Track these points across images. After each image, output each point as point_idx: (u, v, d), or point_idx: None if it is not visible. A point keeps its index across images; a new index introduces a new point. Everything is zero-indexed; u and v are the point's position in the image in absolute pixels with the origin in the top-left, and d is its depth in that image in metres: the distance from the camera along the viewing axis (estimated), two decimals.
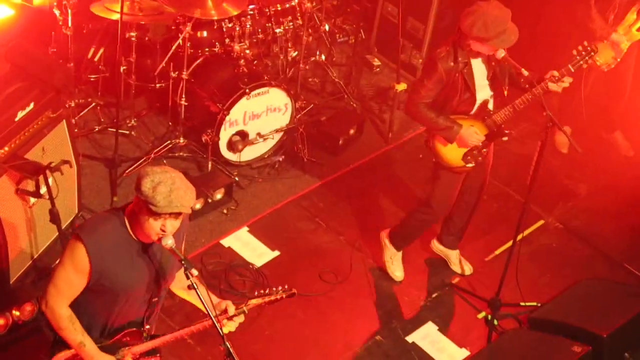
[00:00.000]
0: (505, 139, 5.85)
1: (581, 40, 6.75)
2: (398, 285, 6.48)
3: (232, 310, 4.31)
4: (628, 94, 7.41)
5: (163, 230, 3.95)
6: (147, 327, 4.42)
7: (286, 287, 4.46)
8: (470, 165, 5.88)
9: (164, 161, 6.98)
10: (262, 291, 4.44)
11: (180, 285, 4.46)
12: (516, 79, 5.71)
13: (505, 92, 5.75)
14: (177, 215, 3.96)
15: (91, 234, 4.05)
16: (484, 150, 5.85)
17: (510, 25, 5.45)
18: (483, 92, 5.73)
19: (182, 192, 3.94)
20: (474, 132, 5.72)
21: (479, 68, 5.66)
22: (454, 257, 6.61)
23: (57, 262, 5.51)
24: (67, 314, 4.15)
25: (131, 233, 4.08)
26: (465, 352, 6.09)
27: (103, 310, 4.22)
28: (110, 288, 4.12)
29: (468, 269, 6.64)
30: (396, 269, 6.48)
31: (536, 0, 7.93)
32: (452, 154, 5.84)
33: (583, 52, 5.57)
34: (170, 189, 3.90)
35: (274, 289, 4.44)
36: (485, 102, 5.76)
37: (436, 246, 6.61)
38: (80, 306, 4.17)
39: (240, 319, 4.38)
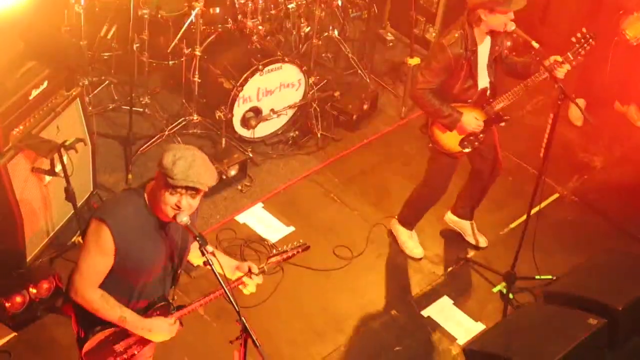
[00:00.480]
0: (502, 124, 5.88)
1: (610, 10, 6.74)
2: (413, 260, 6.50)
3: (255, 269, 4.41)
4: None
5: (178, 206, 3.98)
6: (174, 298, 4.48)
7: (301, 241, 4.60)
8: (467, 150, 5.91)
9: (178, 138, 7.00)
10: (279, 249, 4.56)
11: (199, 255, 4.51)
12: (511, 65, 5.79)
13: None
14: (193, 192, 3.99)
15: (114, 215, 4.08)
16: (481, 136, 5.87)
17: None
18: (483, 80, 5.75)
19: (201, 170, 3.98)
20: (474, 119, 5.74)
21: (483, 54, 5.68)
22: (468, 228, 6.64)
23: (74, 243, 5.58)
24: (98, 295, 4.17)
25: (151, 211, 4.13)
26: (481, 326, 6.10)
27: (129, 288, 4.25)
28: (134, 267, 4.16)
29: (483, 241, 6.66)
30: (414, 247, 6.51)
31: None
32: (449, 140, 5.87)
33: (582, 40, 5.52)
34: (190, 164, 3.94)
35: (290, 245, 4.56)
36: (484, 90, 5.78)
37: (450, 218, 6.64)
38: (106, 287, 4.20)
39: (259, 279, 4.45)
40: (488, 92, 5.80)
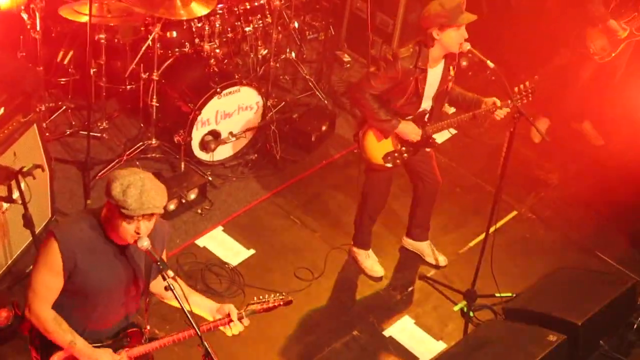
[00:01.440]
0: (428, 150, 5.99)
1: (576, 22, 6.80)
2: (374, 280, 6.50)
3: (234, 314, 4.35)
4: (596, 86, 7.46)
5: (137, 232, 3.95)
6: (148, 327, 4.43)
7: (284, 294, 4.58)
8: (388, 165, 5.95)
9: (137, 163, 6.96)
10: (261, 297, 4.51)
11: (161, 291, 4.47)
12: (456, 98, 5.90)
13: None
14: (149, 216, 3.97)
15: (63, 230, 4.05)
16: (405, 155, 5.94)
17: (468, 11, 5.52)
18: (427, 102, 5.80)
19: (153, 193, 3.94)
20: (414, 128, 5.79)
21: (433, 77, 5.73)
22: (426, 249, 6.66)
23: (31, 266, 5.51)
24: (51, 316, 4.12)
25: (106, 233, 4.08)
26: (443, 345, 6.11)
27: (85, 310, 4.19)
28: (84, 287, 4.09)
29: (442, 260, 6.67)
30: (373, 267, 6.52)
31: None
32: (375, 151, 5.93)
33: (523, 92, 5.63)
34: (141, 190, 3.89)
35: (273, 296, 4.53)
36: (424, 112, 5.84)
37: (407, 242, 6.68)
38: (61, 309, 4.15)
39: (246, 322, 4.42)
40: (427, 115, 5.86)
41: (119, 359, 4.29)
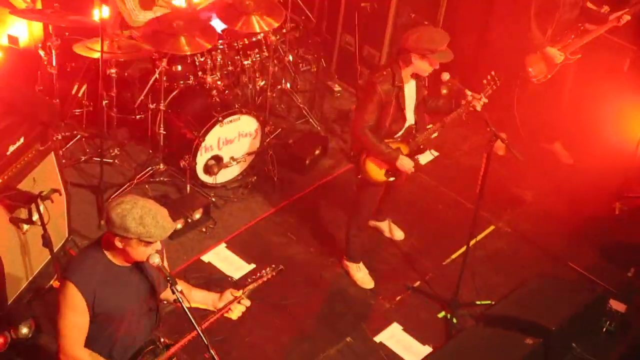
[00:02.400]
0: (422, 154, 6.05)
1: (519, 49, 6.84)
2: (364, 291, 6.50)
3: (233, 296, 4.44)
4: (565, 108, 7.48)
5: (152, 250, 3.98)
6: (162, 339, 4.45)
7: (273, 266, 4.52)
8: (391, 179, 6.04)
9: (147, 186, 6.99)
10: (253, 276, 4.50)
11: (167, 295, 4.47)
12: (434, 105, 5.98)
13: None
14: (162, 237, 4.00)
15: (77, 272, 4.03)
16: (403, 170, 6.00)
17: (447, 47, 5.59)
18: (410, 115, 5.86)
19: (165, 215, 3.98)
20: (409, 162, 5.87)
21: (410, 93, 5.80)
22: (385, 227, 6.80)
23: (52, 286, 5.52)
24: (86, 354, 4.11)
25: (112, 260, 4.08)
26: (429, 349, 6.10)
27: (110, 335, 4.19)
28: (109, 315, 4.10)
29: (399, 235, 6.84)
30: (364, 278, 6.53)
31: (483, 13, 7.99)
32: (376, 171, 5.98)
33: (491, 81, 5.72)
34: (154, 217, 3.90)
35: (264, 271, 4.51)
36: (410, 127, 5.91)
37: (372, 224, 6.80)
38: (90, 340, 4.14)
39: (247, 302, 4.45)
40: (414, 129, 5.93)
41: None
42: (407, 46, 5.58)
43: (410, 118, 5.87)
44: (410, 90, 5.79)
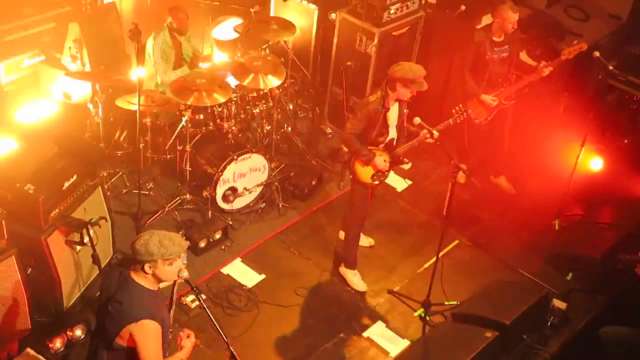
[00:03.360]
0: (403, 166, 6.08)
1: (461, 96, 6.90)
2: (354, 295, 6.49)
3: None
4: (507, 147, 7.51)
5: (179, 267, 4.00)
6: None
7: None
8: (376, 182, 6.11)
9: (175, 212, 7.00)
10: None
11: None
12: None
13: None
14: (184, 252, 4.03)
15: (143, 311, 3.99)
16: (387, 172, 6.11)
17: (424, 80, 5.72)
18: (392, 131, 5.97)
19: (176, 236, 4.03)
20: (383, 161, 5.99)
21: (393, 114, 5.92)
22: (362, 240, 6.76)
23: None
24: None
25: (148, 287, 4.08)
26: (407, 342, 6.10)
27: (162, 344, 4.17)
28: (164, 332, 4.13)
29: (369, 241, 6.87)
30: (359, 283, 6.52)
31: (446, 66, 8.06)
32: (364, 173, 6.06)
33: (459, 112, 5.87)
34: (170, 239, 3.97)
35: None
36: (392, 140, 6.01)
37: (342, 234, 6.76)
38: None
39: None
40: (395, 142, 6.02)
41: None
42: (394, 77, 5.72)
43: (392, 133, 5.98)
44: (394, 111, 5.90)
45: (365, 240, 6.80)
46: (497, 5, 6.81)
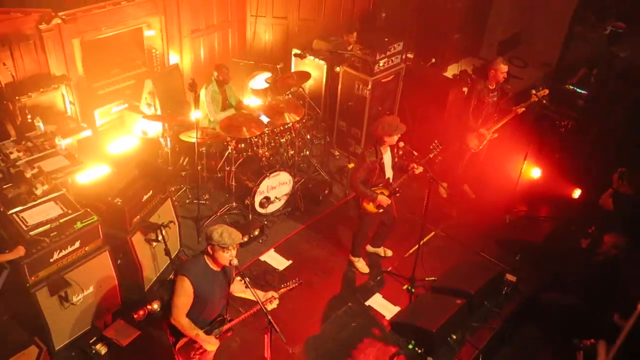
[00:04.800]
0: (398, 195, 5.99)
1: (460, 129, 6.82)
2: (359, 275, 6.48)
3: (273, 295, 4.45)
4: (481, 163, 7.46)
5: (232, 256, 4.03)
6: (227, 316, 4.46)
7: (296, 279, 4.59)
8: (380, 210, 6.00)
9: (225, 216, 7.02)
10: (285, 284, 4.55)
11: (238, 289, 4.50)
12: (404, 166, 5.89)
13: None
14: (236, 246, 4.05)
15: (190, 271, 4.09)
16: (387, 204, 5.98)
17: (401, 124, 5.62)
18: (389, 172, 5.88)
19: (235, 233, 4.05)
20: (385, 198, 5.88)
21: (387, 159, 5.82)
22: (380, 251, 6.69)
23: (170, 279, 5.48)
24: (186, 321, 4.16)
25: (209, 264, 4.12)
26: (398, 308, 6.09)
27: (201, 312, 4.23)
28: (203, 298, 4.15)
29: (389, 253, 6.71)
30: (363, 267, 6.51)
31: (440, 104, 8.01)
32: (371, 207, 5.98)
33: (435, 148, 5.73)
34: (229, 233, 4.02)
35: (291, 281, 4.55)
36: (389, 179, 5.91)
37: (370, 249, 6.70)
38: (189, 314, 4.18)
39: (276, 303, 4.46)
40: (391, 179, 5.92)
41: (217, 341, 4.32)
42: (378, 134, 5.65)
43: (388, 173, 5.89)
44: (387, 157, 5.81)
45: (386, 252, 6.71)
46: (493, 60, 6.82)
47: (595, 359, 5.00)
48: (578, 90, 8.06)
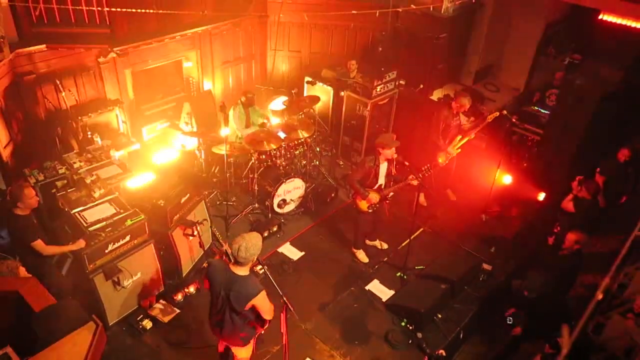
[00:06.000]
0: (387, 201, 5.93)
1: (434, 150, 6.74)
2: (361, 264, 6.43)
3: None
4: (453, 174, 7.40)
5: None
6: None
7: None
8: (370, 210, 5.95)
9: (249, 215, 6.99)
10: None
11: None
12: (401, 179, 5.80)
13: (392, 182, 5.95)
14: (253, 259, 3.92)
15: (256, 287, 3.91)
16: (376, 205, 5.94)
17: (395, 140, 5.62)
18: (381, 179, 5.83)
19: (252, 248, 3.88)
20: (376, 196, 5.82)
21: (382, 170, 5.78)
22: (377, 244, 6.62)
23: (204, 266, 5.40)
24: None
25: (243, 275, 3.95)
26: (392, 292, 6.03)
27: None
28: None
29: (385, 245, 6.63)
30: (363, 257, 6.46)
31: (427, 122, 7.94)
32: (363, 205, 5.93)
33: (427, 169, 5.65)
34: (254, 245, 3.89)
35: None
36: (380, 185, 5.87)
37: (369, 242, 6.64)
38: None
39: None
40: (383, 186, 5.88)
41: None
42: (377, 145, 5.65)
43: (381, 181, 5.86)
44: (383, 168, 5.78)
45: (382, 244, 6.64)
46: (458, 95, 6.71)
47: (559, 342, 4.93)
48: (541, 110, 7.99)
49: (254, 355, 4.42)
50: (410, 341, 5.40)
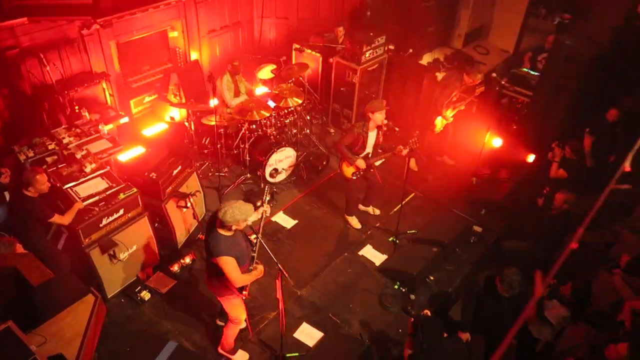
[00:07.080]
0: (372, 170, 5.94)
1: (434, 112, 6.71)
2: (354, 230, 6.50)
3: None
4: (450, 138, 7.43)
5: (246, 223, 4.00)
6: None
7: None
8: (354, 177, 5.96)
9: (242, 185, 7.01)
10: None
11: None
12: (390, 147, 5.78)
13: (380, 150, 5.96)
14: (245, 219, 3.98)
15: (227, 249, 3.97)
16: (361, 173, 5.95)
17: (385, 104, 5.60)
18: (369, 147, 5.83)
19: (245, 207, 3.95)
20: (363, 162, 5.83)
21: (371, 137, 5.77)
22: (370, 210, 6.68)
23: (199, 238, 5.46)
24: (244, 277, 4.11)
25: (225, 234, 4.01)
26: (385, 256, 6.13)
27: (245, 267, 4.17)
28: (241, 258, 4.10)
29: (377, 211, 6.68)
30: (356, 223, 6.52)
31: (417, 87, 7.92)
32: (347, 171, 5.95)
33: (413, 141, 5.62)
34: (240, 211, 3.93)
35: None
36: (367, 154, 5.87)
37: (362, 208, 6.69)
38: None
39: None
40: (370, 154, 5.89)
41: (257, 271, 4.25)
42: (367, 110, 5.61)
43: (369, 149, 5.86)
44: (371, 136, 5.77)
45: (374, 210, 6.69)
46: (471, 70, 6.63)
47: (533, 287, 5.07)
48: (531, 72, 7.98)
49: (251, 321, 4.52)
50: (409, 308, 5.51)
